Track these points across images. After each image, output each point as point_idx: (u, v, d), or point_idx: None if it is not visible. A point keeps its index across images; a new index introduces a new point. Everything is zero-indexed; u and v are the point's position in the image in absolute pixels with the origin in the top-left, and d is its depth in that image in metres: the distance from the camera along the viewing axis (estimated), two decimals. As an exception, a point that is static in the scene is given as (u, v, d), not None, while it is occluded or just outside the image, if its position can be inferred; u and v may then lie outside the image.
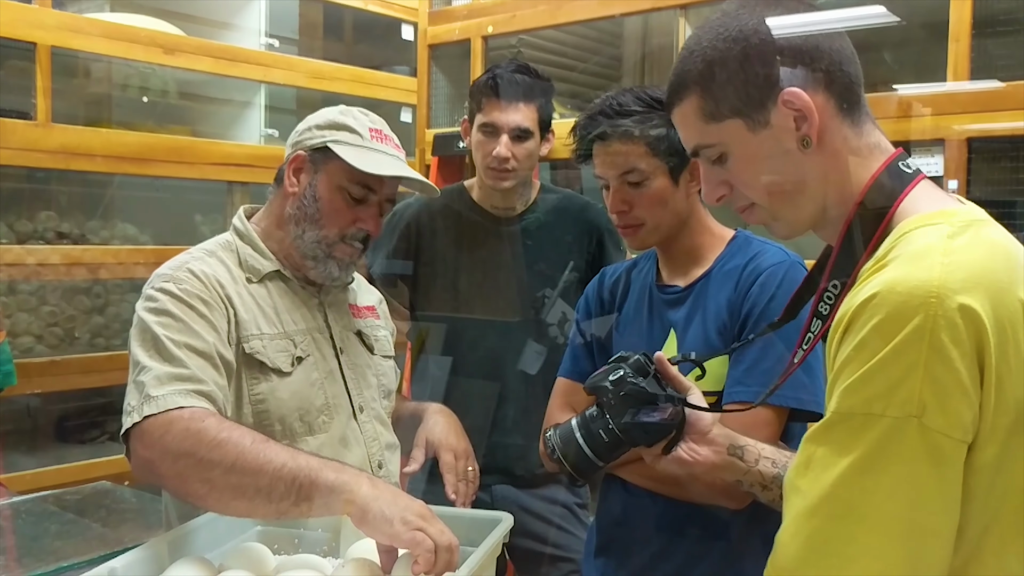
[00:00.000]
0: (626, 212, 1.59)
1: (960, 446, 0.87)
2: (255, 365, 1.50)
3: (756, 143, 1.06)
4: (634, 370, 1.28)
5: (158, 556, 1.28)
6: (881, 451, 0.87)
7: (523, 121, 2.17)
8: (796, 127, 1.03)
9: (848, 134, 1.05)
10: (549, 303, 2.25)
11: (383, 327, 1.79)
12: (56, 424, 3.46)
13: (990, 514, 0.90)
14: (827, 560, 0.90)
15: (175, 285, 1.46)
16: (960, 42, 2.20)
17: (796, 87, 1.02)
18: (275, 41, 3.94)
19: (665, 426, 1.26)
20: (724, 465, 1.30)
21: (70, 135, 3.13)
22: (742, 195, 1.10)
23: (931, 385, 0.85)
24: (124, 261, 3.31)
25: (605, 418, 1.29)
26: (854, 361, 0.89)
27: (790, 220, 1.10)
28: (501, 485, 2.24)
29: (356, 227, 1.58)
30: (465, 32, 3.12)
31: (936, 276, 0.87)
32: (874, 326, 0.88)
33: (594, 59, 3.28)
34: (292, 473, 1.26)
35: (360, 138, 1.57)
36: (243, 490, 1.28)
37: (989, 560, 0.91)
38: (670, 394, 1.27)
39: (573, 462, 1.32)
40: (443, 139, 3.09)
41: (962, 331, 0.86)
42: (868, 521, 0.88)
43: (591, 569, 1.72)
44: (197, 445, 1.28)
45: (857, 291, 0.93)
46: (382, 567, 1.27)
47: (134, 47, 3.30)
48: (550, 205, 2.31)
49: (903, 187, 1.02)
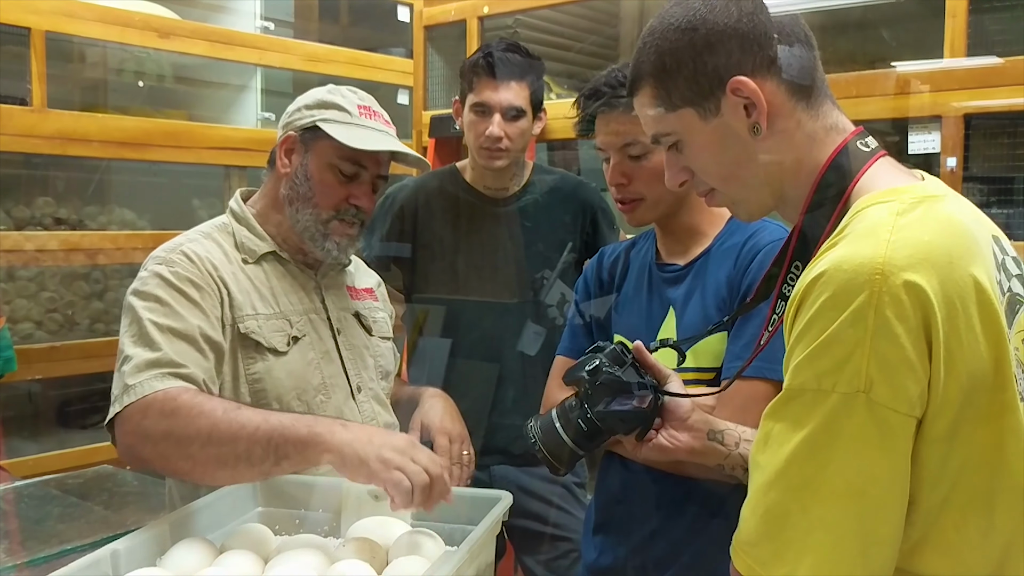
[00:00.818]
0: (625, 185, 1.59)
1: (908, 420, 0.89)
2: (251, 345, 1.52)
3: (709, 131, 1.08)
4: (610, 360, 1.29)
5: (160, 538, 1.29)
6: (831, 426, 0.89)
7: (515, 100, 2.16)
8: (746, 114, 1.05)
9: (802, 117, 1.06)
10: (548, 284, 2.25)
11: (382, 309, 1.79)
12: (57, 409, 3.46)
13: (947, 486, 0.91)
14: (783, 533, 0.92)
15: (167, 268, 1.48)
16: (957, 18, 2.19)
17: (744, 75, 1.04)
18: (270, 24, 3.92)
19: (639, 413, 1.28)
20: (704, 450, 1.32)
21: (66, 120, 3.12)
22: (701, 180, 1.13)
23: (877, 361, 0.87)
24: (122, 246, 3.31)
25: (583, 407, 1.30)
26: (805, 338, 0.91)
27: (748, 204, 1.13)
28: (500, 465, 2.25)
29: (349, 204, 1.59)
30: (461, 13, 3.11)
31: (881, 253, 0.89)
32: (822, 303, 0.90)
33: (590, 39, 3.26)
34: (266, 434, 1.30)
35: (348, 115, 1.59)
36: (223, 459, 1.32)
37: (950, 532, 0.93)
38: (645, 382, 1.29)
39: (553, 452, 1.34)
40: (440, 120, 3.09)
41: (907, 307, 0.87)
42: (820, 494, 0.90)
43: (590, 546, 1.73)
44: (173, 424, 1.32)
45: (809, 269, 0.95)
46: (390, 506, 1.28)
47: (129, 31, 3.29)
48: (543, 185, 2.31)
49: (860, 166, 1.04)
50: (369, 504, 1.42)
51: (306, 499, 1.46)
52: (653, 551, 1.60)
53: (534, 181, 2.31)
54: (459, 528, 1.36)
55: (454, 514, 1.39)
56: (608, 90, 1.57)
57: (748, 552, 0.95)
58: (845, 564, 0.90)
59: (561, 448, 1.32)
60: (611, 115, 1.58)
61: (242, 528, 1.37)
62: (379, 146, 1.57)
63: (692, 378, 1.58)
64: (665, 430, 1.32)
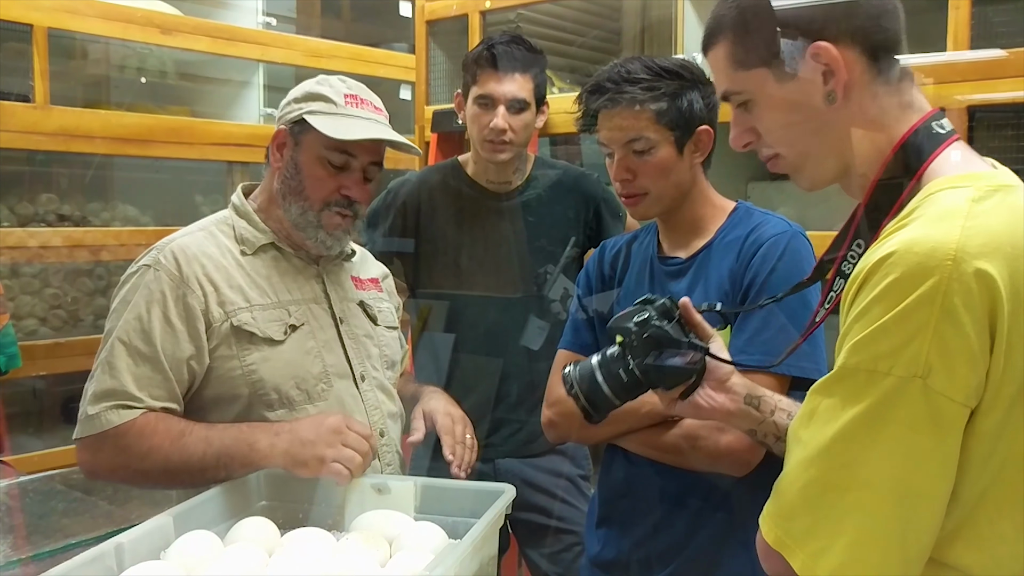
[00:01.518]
0: (630, 181, 1.59)
1: (962, 410, 0.87)
2: (245, 336, 1.53)
3: (782, 94, 1.05)
4: (659, 313, 1.27)
5: (163, 531, 1.29)
6: (883, 409, 0.88)
7: (519, 92, 2.15)
8: (823, 81, 1.03)
9: (879, 91, 1.04)
10: (551, 279, 2.25)
11: (387, 299, 1.80)
12: (62, 405, 3.47)
13: (987, 480, 0.90)
14: (820, 511, 0.92)
15: (152, 275, 1.52)
16: (960, 10, 2.17)
17: (826, 41, 1.01)
18: (272, 20, 3.92)
19: (686, 371, 1.25)
20: (739, 413, 1.28)
21: (69, 117, 3.13)
22: (766, 144, 1.10)
23: (939, 347, 0.86)
24: (126, 243, 3.31)
25: (626, 359, 1.28)
26: (865, 317, 0.89)
27: (811, 173, 1.10)
28: (504, 459, 2.25)
29: (340, 195, 1.59)
30: (463, 7, 3.10)
31: (955, 239, 0.87)
32: (888, 284, 0.88)
33: (593, 33, 3.25)
34: (214, 459, 1.45)
35: (335, 105, 1.58)
36: (180, 480, 1.49)
37: (983, 526, 0.92)
38: (692, 341, 1.26)
39: (590, 399, 1.31)
40: (442, 115, 3.08)
41: (976, 296, 0.85)
42: (863, 476, 0.89)
43: (593, 540, 1.73)
44: (127, 461, 1.46)
45: (876, 248, 0.93)
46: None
47: (131, 27, 3.29)
48: (546, 178, 2.30)
49: (934, 148, 1.01)
50: (372, 497, 1.43)
51: (310, 493, 1.46)
52: (656, 544, 1.60)
53: (536, 175, 2.30)
54: (463, 521, 1.36)
55: (458, 507, 1.39)
56: (611, 86, 1.57)
57: (780, 524, 0.95)
58: (881, 548, 0.89)
59: (598, 396, 1.30)
60: (614, 111, 1.57)
61: (246, 521, 1.37)
62: (363, 135, 1.56)
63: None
64: (703, 389, 1.29)
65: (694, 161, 1.60)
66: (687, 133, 1.57)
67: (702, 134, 1.59)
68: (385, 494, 1.41)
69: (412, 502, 1.43)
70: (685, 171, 1.60)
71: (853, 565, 0.90)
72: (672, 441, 1.53)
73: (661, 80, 1.55)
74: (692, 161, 1.60)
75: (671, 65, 1.58)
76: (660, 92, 1.55)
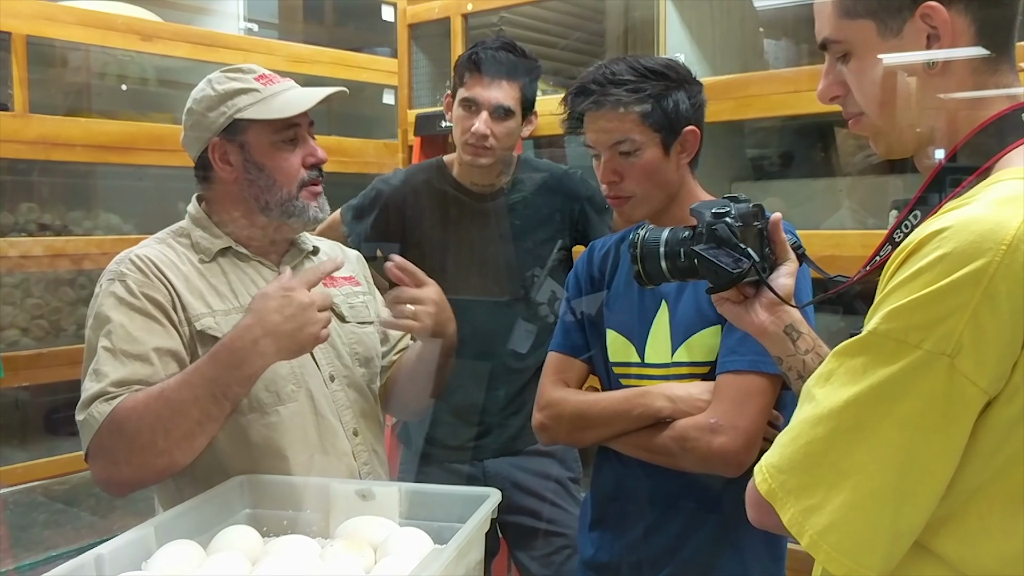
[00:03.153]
0: (617, 183, 1.58)
1: (982, 396, 0.86)
2: (209, 341, 1.51)
3: (883, 50, 1.03)
4: (738, 215, 1.25)
5: (145, 541, 1.28)
6: (905, 380, 0.87)
7: (504, 99, 2.15)
8: (927, 44, 1.01)
9: (980, 67, 1.01)
10: (539, 282, 2.24)
11: (363, 292, 1.78)
12: (45, 416, 3.43)
13: (987, 476, 0.89)
14: (819, 469, 0.91)
15: (119, 284, 1.50)
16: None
17: (939, 3, 0.99)
18: (254, 25, 3.90)
19: (726, 273, 1.22)
20: (775, 337, 1.24)
21: (49, 125, 3.09)
22: (853, 101, 1.09)
23: (973, 330, 0.84)
24: (108, 251, 3.25)
25: (690, 240, 1.26)
26: (907, 286, 0.88)
27: (891, 139, 1.09)
28: (493, 460, 2.24)
29: (305, 167, 1.60)
30: (445, 10, 3.09)
31: (1013, 224, 0.86)
32: (937, 257, 0.87)
33: (576, 35, 3.25)
34: (206, 391, 1.39)
35: (256, 93, 1.58)
36: (190, 433, 1.40)
37: (972, 519, 0.91)
38: (749, 252, 1.22)
39: (646, 266, 1.30)
40: (425, 119, 3.07)
41: (1021, 285, 0.84)
42: (871, 442, 0.88)
43: (586, 542, 1.72)
44: (130, 440, 1.39)
45: (932, 221, 0.91)
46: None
47: (111, 34, 3.26)
48: (531, 179, 2.29)
49: (1016, 138, 0.99)
50: (357, 503, 1.41)
51: (294, 500, 1.44)
52: (650, 547, 1.60)
53: (522, 176, 2.29)
54: (448, 526, 1.35)
55: (443, 512, 1.38)
56: (596, 88, 1.56)
57: (775, 476, 0.94)
58: (875, 513, 0.89)
59: (654, 266, 1.29)
60: (600, 112, 1.56)
61: (229, 530, 1.35)
62: (308, 103, 1.57)
63: (686, 372, 1.57)
64: (750, 301, 1.26)
65: (681, 162, 1.60)
66: (673, 134, 1.56)
67: (688, 134, 1.58)
68: (369, 500, 1.40)
69: (397, 507, 1.42)
70: (672, 172, 1.59)
71: (842, 528, 0.89)
72: (663, 443, 1.52)
73: (646, 81, 1.55)
74: (679, 162, 1.59)
75: (656, 65, 1.57)
76: (645, 93, 1.54)
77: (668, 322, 1.60)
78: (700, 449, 1.48)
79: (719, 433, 1.45)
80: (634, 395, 1.57)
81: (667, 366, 1.59)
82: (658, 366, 1.60)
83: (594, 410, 1.60)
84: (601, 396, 1.63)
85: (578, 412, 1.62)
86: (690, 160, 1.61)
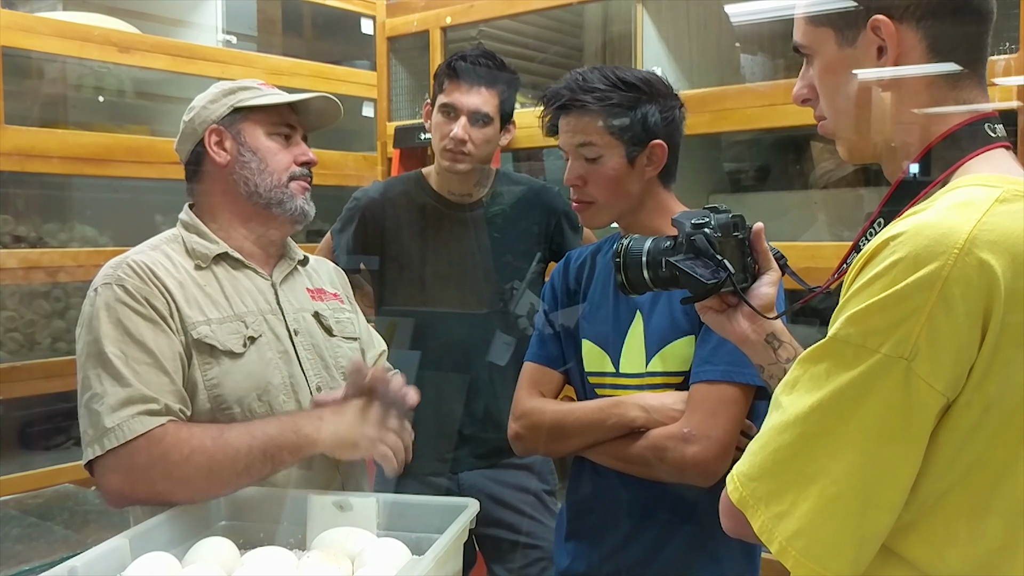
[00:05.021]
0: (580, 187, 1.62)
1: (939, 398, 0.87)
2: (205, 350, 1.50)
3: (838, 59, 1.06)
4: (718, 225, 1.26)
5: (119, 553, 1.26)
6: (864, 384, 0.88)
7: (483, 105, 2.16)
8: (876, 56, 1.03)
9: (937, 82, 1.03)
10: (518, 295, 2.25)
11: (348, 310, 1.78)
12: (19, 431, 3.39)
13: (952, 480, 0.90)
14: (786, 475, 0.92)
15: (117, 287, 1.48)
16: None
17: (890, 17, 1.01)
18: (232, 38, 3.88)
19: (702, 283, 1.23)
20: (756, 345, 1.25)
21: (24, 137, 3.07)
22: (820, 104, 1.11)
23: (929, 332, 0.86)
24: (84, 263, 3.25)
25: (671, 251, 1.28)
26: (865, 291, 0.89)
27: (851, 145, 1.11)
28: (468, 472, 2.24)
29: (298, 163, 1.64)
30: (423, 23, 3.11)
31: (967, 228, 0.87)
32: (892, 262, 0.88)
33: (553, 49, 3.27)
34: (261, 450, 1.42)
35: (258, 91, 1.65)
36: (226, 481, 1.42)
37: (939, 525, 0.92)
38: (725, 264, 1.23)
39: (629, 275, 1.31)
40: (404, 131, 3.08)
41: (975, 288, 0.85)
42: (834, 447, 0.89)
43: (562, 553, 1.72)
44: (168, 468, 1.38)
45: (889, 228, 0.93)
46: (386, 472, 1.49)
47: (88, 46, 3.24)
48: (509, 192, 2.31)
49: (977, 147, 1.01)
50: (334, 514, 1.41)
51: (271, 512, 1.44)
52: (626, 557, 1.60)
53: (500, 189, 2.31)
54: (425, 537, 1.35)
55: (421, 523, 1.38)
56: (567, 92, 1.59)
57: (746, 484, 0.95)
58: (841, 518, 0.89)
59: (636, 274, 1.30)
60: (569, 116, 1.60)
61: (205, 542, 1.34)
62: (305, 96, 1.65)
63: (660, 382, 1.58)
64: (732, 310, 1.27)
65: (647, 174, 1.61)
66: (638, 145, 1.58)
67: (655, 148, 1.60)
68: (347, 511, 1.40)
69: (374, 519, 1.41)
70: (635, 183, 1.60)
71: (810, 533, 0.90)
72: (638, 453, 1.52)
73: (616, 91, 1.57)
74: (644, 173, 1.61)
75: (630, 77, 1.59)
76: (612, 103, 1.56)
77: (643, 332, 1.61)
78: (673, 459, 1.48)
79: (692, 443, 1.46)
80: (608, 405, 1.57)
81: (641, 376, 1.60)
82: (632, 376, 1.61)
83: (569, 419, 1.60)
84: (576, 406, 1.64)
85: (553, 422, 1.62)
86: (659, 173, 1.62)
